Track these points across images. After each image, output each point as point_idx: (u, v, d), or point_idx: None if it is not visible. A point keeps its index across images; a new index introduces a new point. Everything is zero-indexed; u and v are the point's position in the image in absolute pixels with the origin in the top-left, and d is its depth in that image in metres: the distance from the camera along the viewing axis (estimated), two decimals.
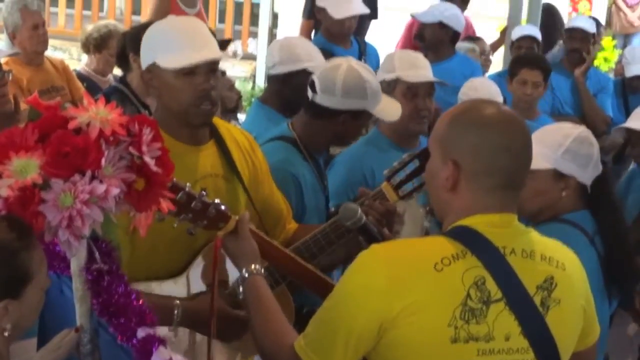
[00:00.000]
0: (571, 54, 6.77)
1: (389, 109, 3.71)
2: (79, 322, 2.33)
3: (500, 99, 5.04)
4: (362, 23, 7.32)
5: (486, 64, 7.66)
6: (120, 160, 2.13)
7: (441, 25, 6.26)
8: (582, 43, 6.70)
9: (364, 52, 6.06)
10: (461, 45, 6.98)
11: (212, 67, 2.94)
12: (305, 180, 3.57)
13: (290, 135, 3.65)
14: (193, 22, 3.04)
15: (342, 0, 5.85)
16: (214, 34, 3.07)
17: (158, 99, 3.03)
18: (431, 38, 6.23)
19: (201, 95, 2.92)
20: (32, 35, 5.72)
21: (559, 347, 2.27)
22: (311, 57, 4.29)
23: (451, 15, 6.30)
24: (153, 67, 2.94)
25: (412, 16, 6.70)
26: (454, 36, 6.37)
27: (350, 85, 3.54)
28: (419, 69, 4.09)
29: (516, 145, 2.26)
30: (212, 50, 2.95)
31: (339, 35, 5.86)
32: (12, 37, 5.78)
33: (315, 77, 3.63)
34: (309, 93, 3.63)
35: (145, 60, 2.98)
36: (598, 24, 7.66)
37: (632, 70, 6.70)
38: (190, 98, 2.91)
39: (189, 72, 2.89)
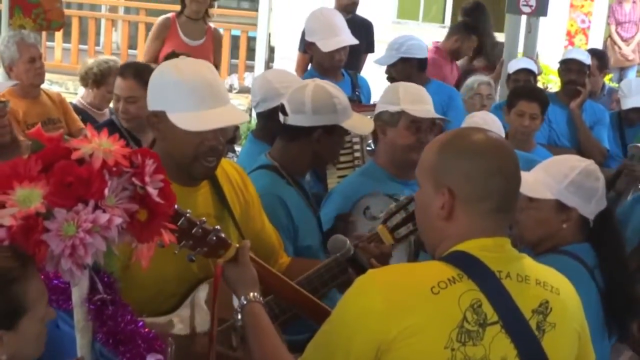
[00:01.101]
0: (567, 86, 6.78)
1: (361, 124, 3.78)
2: (80, 354, 2.31)
3: (502, 133, 5.04)
4: (358, 56, 7.36)
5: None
6: (123, 190, 2.13)
7: (404, 60, 6.20)
8: (578, 75, 6.70)
9: (357, 85, 6.07)
10: (475, 79, 6.94)
11: None
12: (291, 201, 3.61)
13: (271, 164, 3.70)
14: (204, 72, 2.91)
15: (330, 33, 5.85)
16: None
17: (160, 141, 2.97)
18: (400, 75, 6.14)
19: (208, 151, 2.90)
20: (28, 68, 5.74)
21: None
22: (289, 89, 4.32)
23: (408, 47, 6.21)
24: (161, 114, 2.88)
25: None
26: (420, 63, 6.27)
27: (319, 102, 3.61)
28: (424, 104, 4.12)
29: (507, 167, 2.28)
30: (225, 114, 2.88)
31: (330, 68, 5.88)
32: (9, 70, 5.80)
33: (284, 101, 3.70)
34: (281, 117, 3.68)
35: (153, 104, 2.91)
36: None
37: (628, 103, 6.69)
38: (197, 153, 2.89)
39: None
